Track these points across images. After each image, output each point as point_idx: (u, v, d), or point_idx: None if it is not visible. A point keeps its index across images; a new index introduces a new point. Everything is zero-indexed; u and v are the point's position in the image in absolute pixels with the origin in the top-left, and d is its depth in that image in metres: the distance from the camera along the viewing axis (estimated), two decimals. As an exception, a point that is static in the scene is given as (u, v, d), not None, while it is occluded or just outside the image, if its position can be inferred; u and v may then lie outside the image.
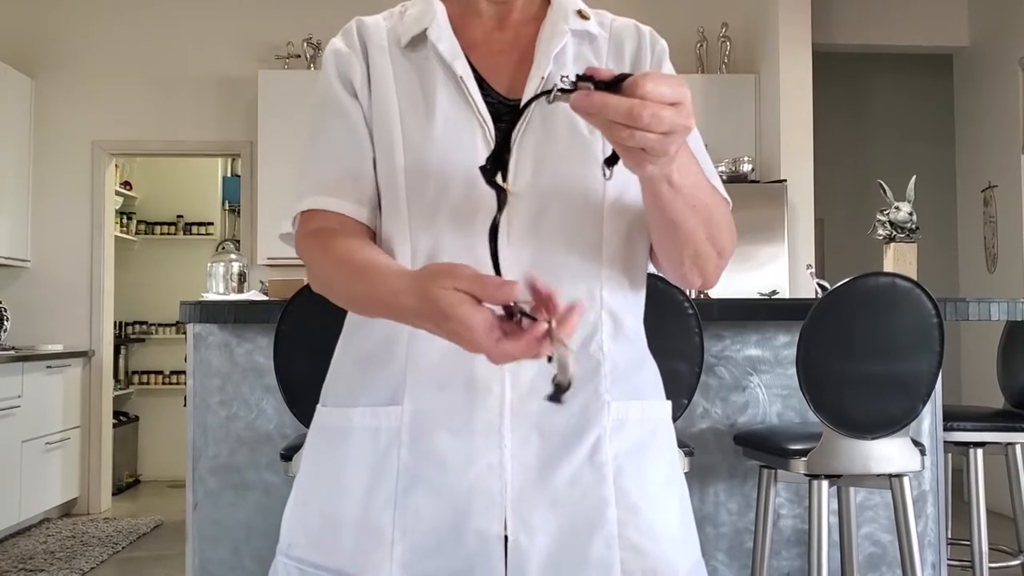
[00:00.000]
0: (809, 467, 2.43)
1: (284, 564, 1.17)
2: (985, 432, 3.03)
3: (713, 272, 1.14)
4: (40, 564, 4.76)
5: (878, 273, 2.49)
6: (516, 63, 1.16)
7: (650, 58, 1.21)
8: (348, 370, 1.18)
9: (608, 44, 1.20)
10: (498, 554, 1.07)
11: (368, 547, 1.09)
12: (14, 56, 6.21)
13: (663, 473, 1.16)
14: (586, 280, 1.12)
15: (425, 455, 1.08)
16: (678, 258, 1.12)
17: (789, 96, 5.74)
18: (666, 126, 0.87)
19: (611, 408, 1.11)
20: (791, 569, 2.96)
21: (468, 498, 1.07)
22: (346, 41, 1.21)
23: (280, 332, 2.30)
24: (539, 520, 1.07)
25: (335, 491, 1.13)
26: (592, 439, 1.09)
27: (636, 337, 1.17)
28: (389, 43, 1.19)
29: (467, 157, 1.09)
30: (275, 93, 5.98)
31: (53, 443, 5.79)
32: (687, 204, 1.03)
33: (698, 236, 1.08)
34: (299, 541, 1.16)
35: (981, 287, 6.38)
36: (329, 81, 1.20)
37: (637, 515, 1.10)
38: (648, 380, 1.19)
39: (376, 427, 1.11)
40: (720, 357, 2.94)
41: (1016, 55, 6.00)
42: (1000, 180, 6.22)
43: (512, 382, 1.07)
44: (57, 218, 6.31)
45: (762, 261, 5.41)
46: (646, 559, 1.10)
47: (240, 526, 2.90)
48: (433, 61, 1.16)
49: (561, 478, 1.08)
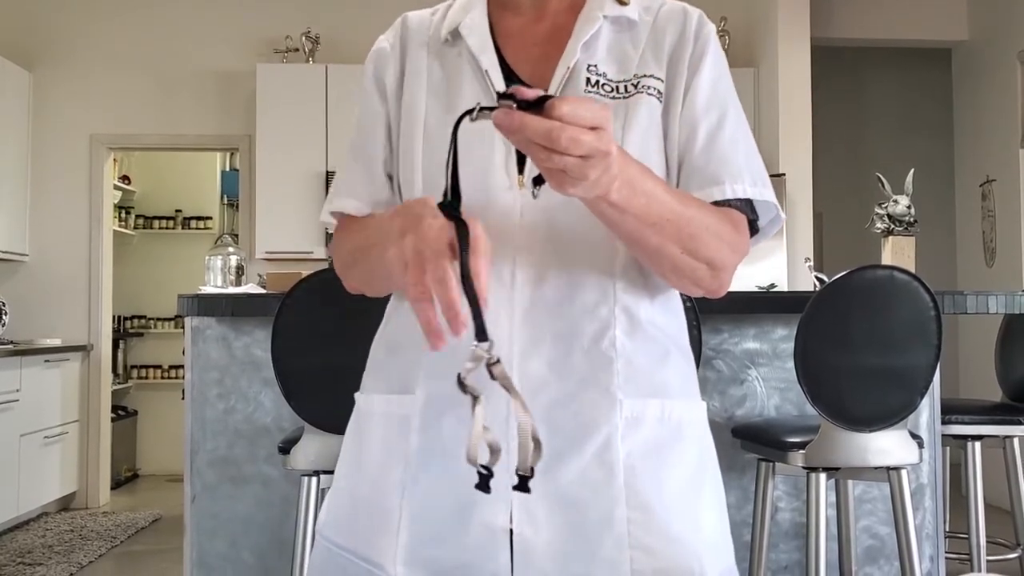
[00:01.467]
0: (807, 460, 2.43)
1: (319, 543, 1.20)
2: (983, 425, 3.04)
3: (711, 282, 1.10)
4: (38, 558, 4.76)
5: (876, 266, 2.49)
6: (549, 55, 1.15)
7: (692, 46, 1.16)
8: (378, 357, 1.20)
9: (649, 31, 1.17)
10: (503, 546, 1.06)
11: (377, 531, 1.11)
12: (12, 50, 6.20)
13: (686, 474, 1.12)
14: (599, 276, 1.10)
15: (433, 443, 1.09)
16: (660, 272, 1.10)
17: (788, 90, 5.74)
18: (584, 150, 0.86)
19: (624, 406, 1.08)
20: (789, 562, 2.96)
21: (474, 489, 1.07)
22: (389, 38, 1.24)
23: (278, 325, 2.30)
24: (544, 514, 1.06)
25: (356, 475, 1.16)
26: (602, 437, 1.07)
27: (660, 333, 1.13)
28: (431, 39, 1.20)
29: (485, 152, 1.09)
30: (273, 87, 5.98)
31: (51, 437, 5.79)
32: (642, 223, 1.00)
33: (668, 252, 1.05)
34: (329, 521, 1.19)
35: (979, 281, 6.38)
36: (365, 89, 1.24)
37: (649, 515, 1.08)
38: (674, 378, 1.14)
39: (392, 413, 1.13)
40: (718, 350, 2.94)
41: (1015, 49, 5.99)
42: (999, 174, 6.22)
43: (521, 376, 1.06)
44: (55, 212, 6.30)
45: (760, 255, 5.40)
46: (657, 560, 1.07)
47: (238, 519, 2.90)
48: (464, 55, 1.16)
49: (568, 474, 1.07)
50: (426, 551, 1.08)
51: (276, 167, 5.92)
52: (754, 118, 6.07)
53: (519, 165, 1.09)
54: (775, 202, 1.17)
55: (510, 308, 1.07)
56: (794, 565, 2.96)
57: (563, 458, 1.07)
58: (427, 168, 1.13)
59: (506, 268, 1.08)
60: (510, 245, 1.08)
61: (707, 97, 1.15)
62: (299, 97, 5.96)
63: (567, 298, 1.09)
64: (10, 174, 6.06)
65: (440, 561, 1.08)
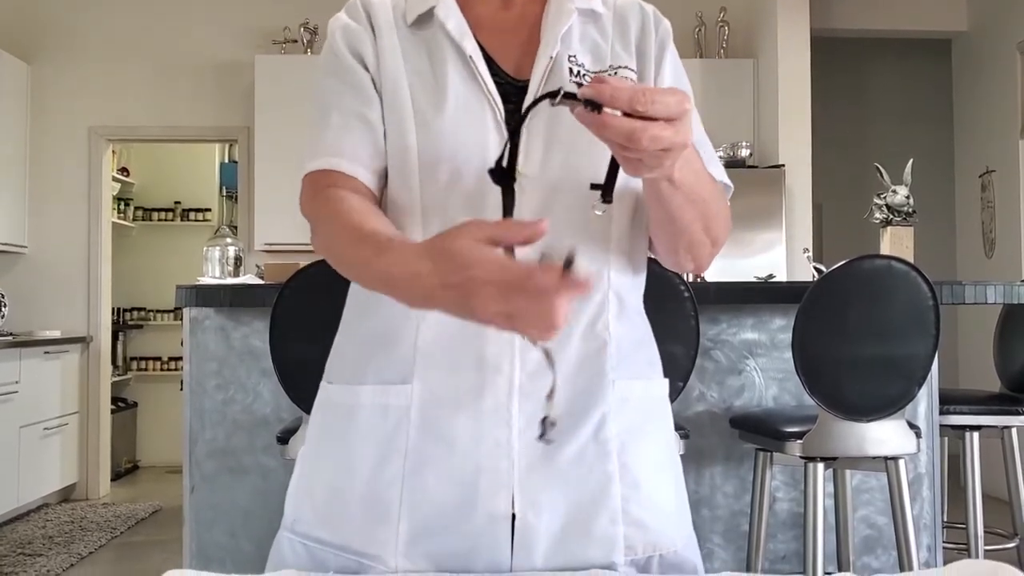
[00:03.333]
0: (805, 450, 2.43)
1: (289, 540, 1.16)
2: (981, 416, 3.04)
3: (706, 259, 1.17)
4: (39, 549, 4.77)
5: (874, 256, 2.49)
6: (523, 43, 1.15)
7: (654, 38, 1.20)
8: (355, 348, 1.17)
9: (613, 23, 1.19)
10: (505, 532, 1.07)
11: (374, 524, 1.09)
12: (10, 41, 6.19)
13: (661, 449, 1.18)
14: (596, 261, 1.12)
15: (434, 434, 1.09)
16: (674, 247, 1.14)
17: (787, 81, 5.72)
18: (663, 144, 0.88)
19: (616, 386, 1.12)
20: (787, 552, 2.97)
21: (476, 477, 1.07)
22: (353, 17, 1.19)
23: (276, 315, 2.30)
24: (546, 498, 1.08)
25: (342, 468, 1.13)
26: (597, 417, 1.11)
27: (638, 317, 1.19)
28: (395, 20, 1.17)
29: (479, 138, 1.09)
30: (272, 78, 5.97)
31: (51, 429, 5.80)
32: (686, 199, 1.05)
33: (695, 228, 1.10)
34: (305, 517, 1.16)
35: (979, 272, 6.38)
36: (338, 51, 1.17)
37: (639, 490, 1.12)
38: (648, 360, 1.20)
39: (385, 405, 1.11)
40: (716, 340, 2.94)
41: (1014, 40, 5.98)
42: (998, 165, 6.22)
43: (521, 362, 1.07)
44: (54, 204, 6.30)
45: (760, 247, 5.41)
46: (647, 533, 1.12)
47: (237, 509, 2.90)
48: (441, 39, 1.14)
49: (567, 455, 1.09)
50: (427, 541, 1.08)
51: (275, 159, 5.91)
52: (753, 109, 6.07)
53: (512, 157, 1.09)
54: (731, 186, 1.22)
55: None
56: (792, 555, 2.96)
57: (562, 440, 1.09)
58: (423, 150, 1.11)
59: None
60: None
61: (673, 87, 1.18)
62: (297, 89, 5.93)
63: None
64: (9, 166, 6.05)
65: (441, 550, 1.08)
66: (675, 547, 1.14)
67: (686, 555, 1.15)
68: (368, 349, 1.14)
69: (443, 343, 1.08)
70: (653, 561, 1.12)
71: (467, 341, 1.07)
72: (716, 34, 6.22)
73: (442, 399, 1.09)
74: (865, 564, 2.96)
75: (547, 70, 1.12)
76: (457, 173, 1.09)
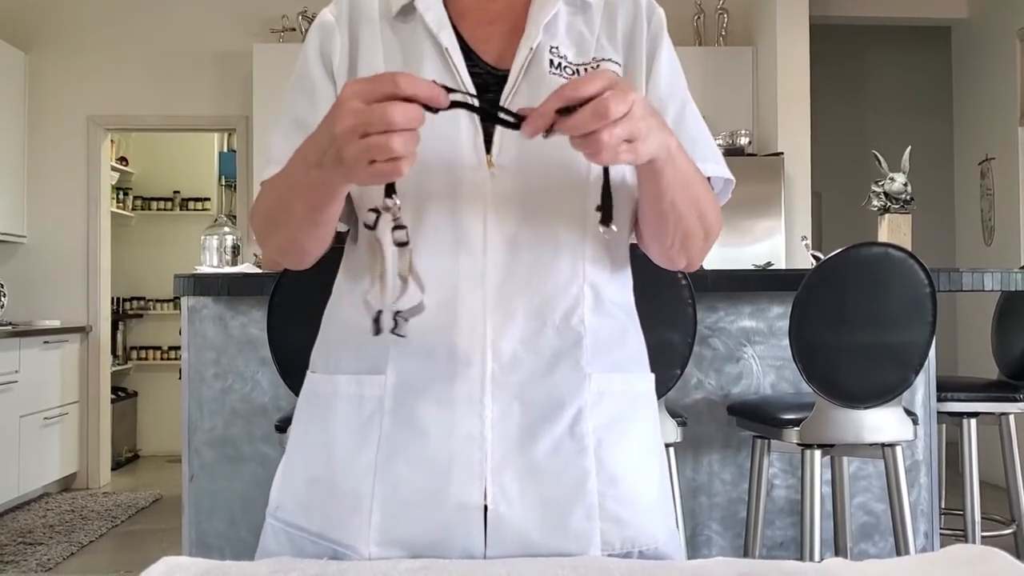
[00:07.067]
0: (802, 437, 2.44)
1: (272, 526, 1.18)
2: (979, 402, 3.04)
3: (698, 253, 1.17)
4: (39, 538, 4.78)
5: (871, 243, 2.48)
6: (507, 33, 1.15)
7: (646, 29, 1.18)
8: (335, 336, 1.18)
9: (602, 14, 1.18)
10: (477, 523, 1.07)
11: (347, 513, 1.10)
12: (8, 30, 6.18)
13: (642, 445, 1.16)
14: (570, 254, 1.11)
15: (407, 424, 1.08)
16: (668, 239, 1.13)
17: (786, 69, 5.71)
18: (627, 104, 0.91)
19: (592, 380, 1.11)
20: (784, 539, 2.98)
21: (448, 467, 1.07)
22: (335, 12, 1.18)
23: (274, 304, 2.30)
24: (519, 490, 1.07)
25: (320, 456, 1.14)
26: (573, 411, 1.10)
27: (619, 311, 1.17)
28: (380, 13, 1.16)
29: (451, 132, 1.08)
30: (270, 67, 5.95)
31: (51, 418, 5.81)
32: (684, 189, 1.06)
33: (690, 216, 1.10)
34: (286, 504, 1.17)
35: (978, 259, 6.38)
36: (307, 57, 1.18)
37: (616, 486, 1.11)
38: (631, 354, 1.19)
39: (360, 395, 1.11)
40: (714, 328, 2.94)
41: (1014, 27, 5.97)
42: (997, 152, 6.21)
43: (494, 354, 1.07)
44: (53, 194, 6.29)
45: (759, 235, 5.41)
46: (625, 529, 1.11)
47: (236, 498, 2.91)
48: (420, 32, 1.14)
49: (542, 449, 1.08)
50: (399, 531, 1.08)
51: (273, 148, 5.89)
52: (753, 97, 6.05)
53: (486, 144, 1.08)
54: (733, 180, 1.22)
55: (482, 287, 1.07)
56: (789, 542, 2.97)
57: (537, 433, 1.08)
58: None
59: (477, 246, 1.08)
60: (481, 224, 1.08)
61: (669, 80, 1.18)
62: (296, 77, 5.93)
63: (539, 276, 1.09)
64: (7, 156, 6.04)
65: (414, 540, 1.08)
66: (656, 543, 1.13)
67: (667, 551, 1.14)
68: (346, 338, 1.15)
69: (416, 334, 1.06)
70: (632, 557, 1.11)
71: (439, 333, 1.07)
72: (715, 22, 6.21)
73: (415, 389, 1.08)
74: (862, 551, 2.97)
75: (527, 60, 1.11)
76: (427, 165, 1.07)
